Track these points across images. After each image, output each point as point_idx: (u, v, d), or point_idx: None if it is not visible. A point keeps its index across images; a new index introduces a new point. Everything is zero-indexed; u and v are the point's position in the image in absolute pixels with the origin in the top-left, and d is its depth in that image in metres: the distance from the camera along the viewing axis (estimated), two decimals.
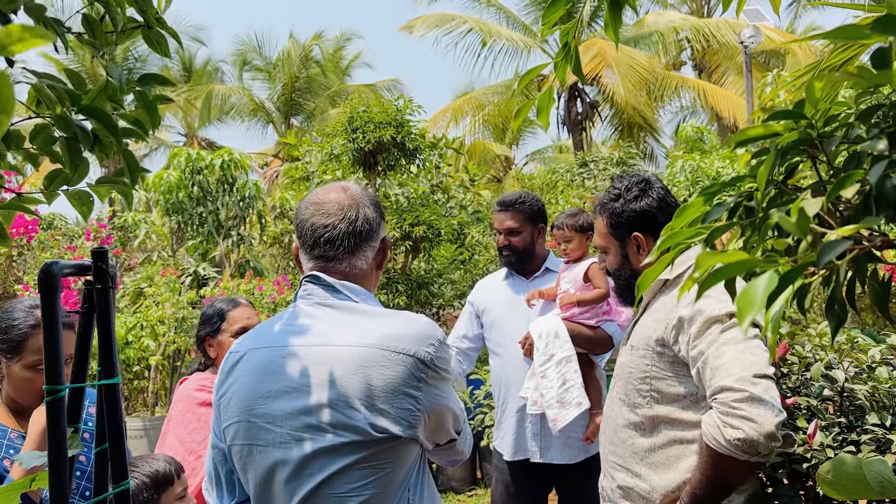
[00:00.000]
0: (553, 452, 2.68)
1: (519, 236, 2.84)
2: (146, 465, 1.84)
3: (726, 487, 1.54)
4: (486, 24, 17.33)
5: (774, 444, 1.42)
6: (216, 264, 10.25)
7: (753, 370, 1.47)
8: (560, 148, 23.18)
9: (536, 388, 2.57)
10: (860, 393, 1.74)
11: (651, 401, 1.78)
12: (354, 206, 1.47)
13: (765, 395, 1.44)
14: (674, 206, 1.91)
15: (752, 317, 0.51)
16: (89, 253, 1.21)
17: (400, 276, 7.21)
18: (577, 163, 11.15)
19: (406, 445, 1.32)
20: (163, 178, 9.94)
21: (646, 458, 1.78)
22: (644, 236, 1.91)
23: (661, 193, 1.92)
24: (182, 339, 6.65)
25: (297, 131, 21.84)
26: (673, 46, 16.90)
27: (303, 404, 1.30)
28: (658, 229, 1.84)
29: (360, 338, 1.33)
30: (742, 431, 1.42)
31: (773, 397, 1.44)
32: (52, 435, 1.12)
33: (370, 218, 1.48)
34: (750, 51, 10.11)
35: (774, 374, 1.77)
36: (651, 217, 1.89)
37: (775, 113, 0.69)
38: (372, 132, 6.77)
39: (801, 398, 1.73)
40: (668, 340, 1.72)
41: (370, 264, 1.48)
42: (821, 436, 1.64)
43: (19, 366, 1.76)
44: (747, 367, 1.48)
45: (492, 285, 3.04)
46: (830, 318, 0.78)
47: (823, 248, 0.56)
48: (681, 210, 0.78)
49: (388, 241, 1.54)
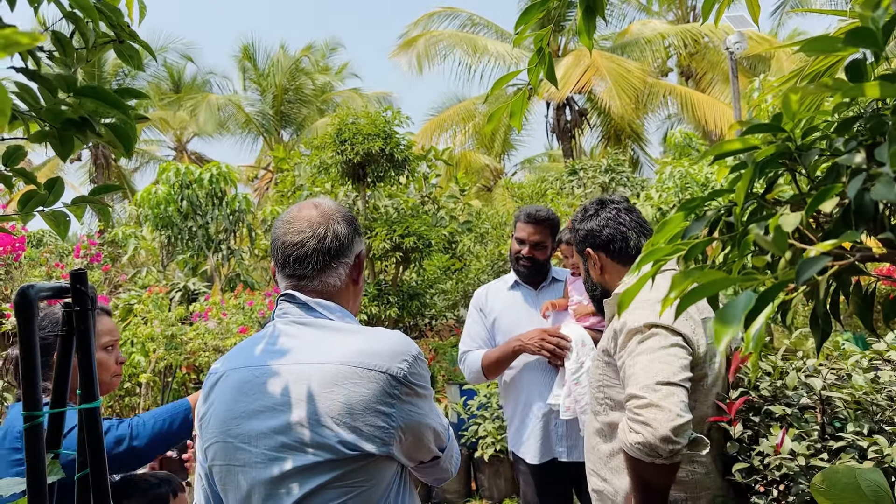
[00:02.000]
0: (580, 451, 2.74)
1: (544, 251, 2.93)
2: (144, 484, 1.83)
3: (650, 489, 1.59)
4: (473, 39, 17.45)
5: (672, 447, 1.48)
6: (207, 278, 10.20)
7: (657, 378, 1.55)
8: (551, 156, 23.27)
9: (570, 395, 2.63)
10: (838, 400, 1.73)
11: (607, 408, 1.86)
12: (324, 223, 1.46)
13: (663, 401, 1.50)
14: (629, 225, 1.98)
15: (729, 338, 0.51)
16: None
17: (391, 287, 7.19)
18: (567, 171, 11.18)
19: (382, 463, 1.30)
20: (151, 192, 9.90)
21: (608, 462, 1.86)
22: (596, 253, 2.00)
23: (613, 213, 1.99)
24: (172, 356, 6.59)
25: (286, 144, 21.84)
26: (660, 53, 17.01)
27: (277, 423, 1.29)
28: (609, 246, 1.96)
29: (331, 355, 1.32)
30: (641, 435, 1.50)
31: (671, 403, 1.50)
32: (30, 460, 1.10)
33: (341, 234, 1.46)
34: (736, 57, 10.18)
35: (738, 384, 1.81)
36: (597, 235, 1.98)
37: (752, 126, 0.68)
38: (360, 144, 6.77)
39: (777, 406, 1.72)
40: (611, 350, 1.80)
41: (344, 281, 1.47)
42: (796, 444, 1.64)
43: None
44: (652, 376, 1.55)
45: (498, 294, 3.05)
46: (815, 331, 0.77)
47: (803, 265, 0.55)
48: (661, 225, 0.77)
49: (364, 256, 1.52)
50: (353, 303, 1.51)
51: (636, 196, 9.53)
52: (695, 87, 17.98)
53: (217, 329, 6.75)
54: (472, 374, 2.96)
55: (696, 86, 18.02)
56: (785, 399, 1.77)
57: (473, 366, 2.93)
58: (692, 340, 1.68)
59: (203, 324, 6.83)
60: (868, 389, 1.76)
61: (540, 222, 2.91)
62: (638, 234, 1.96)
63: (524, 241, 2.93)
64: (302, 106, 23.79)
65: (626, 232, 1.96)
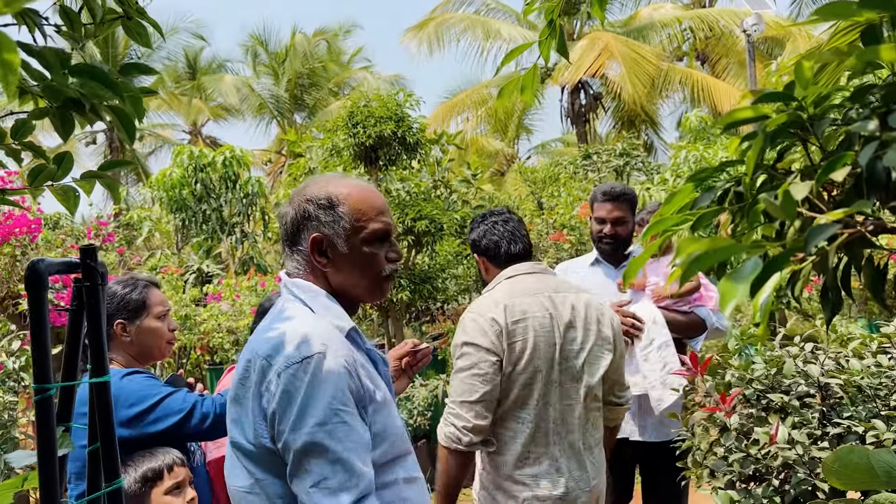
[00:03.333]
0: (650, 431, 2.78)
1: (625, 226, 2.95)
2: (140, 460, 1.86)
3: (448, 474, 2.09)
4: (487, 21, 17.30)
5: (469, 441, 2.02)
6: (220, 261, 10.26)
7: (460, 398, 2.04)
8: (565, 141, 23.11)
9: (639, 371, 2.69)
10: (836, 387, 1.71)
11: None
12: (287, 206, 1.47)
13: (449, 414, 2.07)
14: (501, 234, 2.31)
15: (734, 303, 0.50)
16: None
17: (403, 271, 7.20)
18: (581, 155, 11.10)
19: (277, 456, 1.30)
20: (166, 175, 9.95)
21: None
22: (479, 257, 2.35)
23: (489, 225, 2.33)
24: (186, 337, 6.65)
25: (299, 127, 21.83)
26: (675, 37, 16.79)
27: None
28: (487, 252, 2.31)
29: (254, 339, 1.38)
30: (450, 429, 2.05)
31: (456, 415, 2.04)
32: (41, 434, 1.11)
33: (288, 220, 1.45)
34: (753, 39, 10.03)
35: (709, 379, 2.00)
36: (478, 244, 2.32)
37: (764, 95, 0.67)
38: (373, 127, 6.74)
39: (776, 395, 1.71)
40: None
41: (304, 266, 1.43)
42: (795, 433, 1.62)
43: (148, 320, 2.14)
44: (457, 395, 2.06)
45: (578, 270, 3.07)
46: (825, 304, 0.76)
47: (811, 233, 0.54)
48: (670, 196, 0.75)
49: (326, 239, 1.42)
50: (333, 280, 1.44)
51: (651, 180, 9.45)
52: (710, 71, 17.73)
53: (230, 311, 6.80)
54: None
55: (711, 70, 17.77)
56: (782, 388, 1.75)
57: None
58: (497, 348, 2.05)
59: (216, 305, 6.89)
60: (866, 374, 1.74)
61: (617, 198, 2.93)
62: (509, 242, 2.28)
63: (604, 219, 2.94)
64: (316, 89, 23.75)
65: (498, 241, 2.28)
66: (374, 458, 1.31)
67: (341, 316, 1.41)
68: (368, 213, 1.44)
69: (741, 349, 2.09)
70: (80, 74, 0.85)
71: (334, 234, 1.42)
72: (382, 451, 1.34)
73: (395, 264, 1.48)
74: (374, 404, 1.35)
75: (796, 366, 1.78)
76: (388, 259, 1.46)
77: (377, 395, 1.36)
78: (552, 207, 8.34)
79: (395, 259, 1.47)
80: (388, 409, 1.39)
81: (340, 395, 1.26)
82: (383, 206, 1.47)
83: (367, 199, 1.45)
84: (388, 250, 1.46)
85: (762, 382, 1.77)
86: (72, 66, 0.84)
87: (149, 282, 2.21)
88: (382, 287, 1.47)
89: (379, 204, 1.47)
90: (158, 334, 2.18)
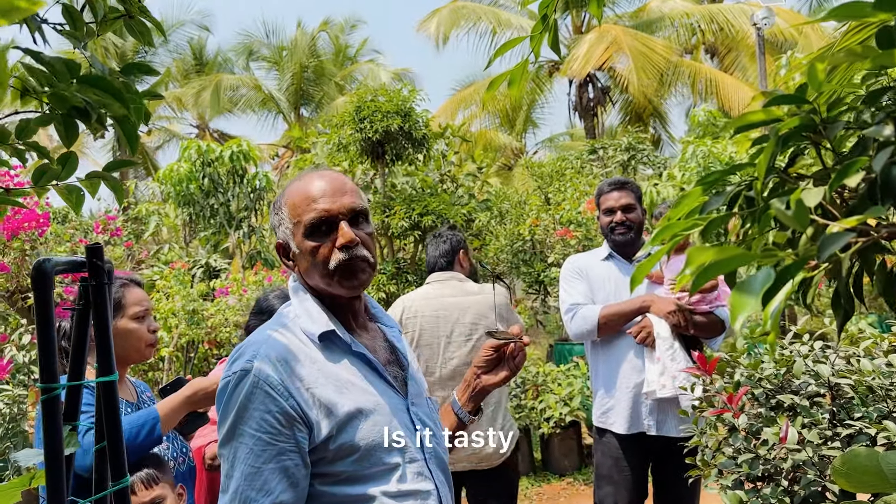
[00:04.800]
0: (668, 426, 2.79)
1: (634, 213, 2.98)
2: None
3: None
4: (496, 13, 17.22)
5: None
6: (228, 255, 10.29)
7: None
8: (573, 135, 23.02)
9: (664, 372, 2.71)
10: (847, 387, 1.69)
11: None
12: None
13: None
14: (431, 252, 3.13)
15: (745, 315, 0.49)
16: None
17: (409, 265, 7.20)
18: (586, 150, 11.05)
19: None
20: (173, 170, 9.97)
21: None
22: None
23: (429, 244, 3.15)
24: (194, 332, 6.68)
25: (305, 122, 21.82)
26: (684, 31, 16.65)
27: None
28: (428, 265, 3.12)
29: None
30: None
31: None
32: (48, 433, 1.11)
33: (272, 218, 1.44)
34: (763, 32, 9.94)
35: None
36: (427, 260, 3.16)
37: (776, 97, 0.65)
38: (379, 121, 6.74)
39: (786, 396, 1.69)
40: None
41: (290, 267, 1.43)
42: (805, 432, 1.60)
43: (123, 321, 2.02)
44: None
45: (592, 264, 3.06)
46: (837, 312, 0.75)
47: (825, 241, 0.53)
48: (679, 199, 0.74)
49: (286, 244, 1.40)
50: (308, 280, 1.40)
51: (658, 175, 9.40)
52: (719, 64, 17.60)
53: (237, 305, 6.82)
54: (583, 326, 2.90)
55: (720, 64, 17.63)
56: (792, 387, 1.73)
57: (589, 318, 2.88)
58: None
59: (224, 300, 6.91)
60: (877, 374, 1.72)
61: (622, 186, 3.00)
62: (435, 258, 3.06)
63: (613, 208, 2.98)
64: (321, 84, 23.72)
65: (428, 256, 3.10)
66: (345, 471, 1.26)
67: (317, 319, 1.34)
68: (301, 205, 1.35)
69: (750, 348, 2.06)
70: (88, 84, 0.85)
71: (286, 236, 1.39)
72: (356, 464, 1.26)
73: (350, 251, 1.33)
74: (335, 417, 1.26)
75: (806, 365, 1.76)
76: (338, 247, 1.33)
77: (345, 406, 1.27)
78: (559, 203, 8.32)
79: (346, 244, 1.32)
80: (370, 417, 1.29)
81: (253, 414, 1.23)
82: (321, 193, 1.35)
83: (302, 192, 1.36)
84: (336, 237, 1.33)
85: (771, 382, 1.76)
86: (80, 77, 0.83)
87: (128, 280, 2.08)
88: (341, 280, 1.33)
89: (314, 192, 1.35)
90: (136, 336, 2.04)
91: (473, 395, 1.55)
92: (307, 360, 1.30)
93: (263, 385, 1.23)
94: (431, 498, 1.32)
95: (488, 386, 1.54)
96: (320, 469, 1.27)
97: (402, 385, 1.42)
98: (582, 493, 5.00)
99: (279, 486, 1.21)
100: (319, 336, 1.33)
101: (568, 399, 5.33)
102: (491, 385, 1.53)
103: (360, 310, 1.45)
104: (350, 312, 1.42)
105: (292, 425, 1.23)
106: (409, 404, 1.39)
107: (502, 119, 19.36)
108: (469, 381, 1.56)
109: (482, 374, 1.53)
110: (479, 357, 1.54)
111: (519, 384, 5.50)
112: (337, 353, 1.35)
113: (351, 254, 1.33)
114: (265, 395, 1.23)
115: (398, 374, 1.43)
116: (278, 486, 1.21)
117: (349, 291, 1.36)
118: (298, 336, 1.34)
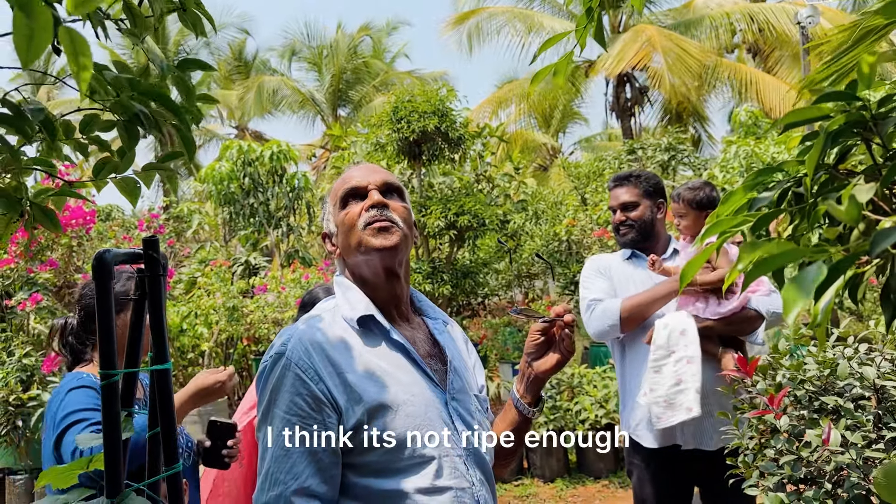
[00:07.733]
0: (706, 438, 2.43)
1: (636, 210, 2.69)
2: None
3: None
4: (528, 15, 17.17)
5: None
6: (267, 254, 10.47)
7: None
8: (610, 135, 22.81)
9: (683, 390, 2.34)
10: (892, 389, 1.65)
11: None
12: None
13: None
14: None
15: (798, 310, 0.49)
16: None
17: (444, 265, 7.23)
18: (625, 150, 10.95)
19: None
20: (215, 169, 10.18)
21: None
22: None
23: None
24: (233, 328, 6.81)
25: (343, 122, 22.05)
26: (725, 30, 16.36)
27: None
28: None
29: None
30: None
31: None
32: (106, 418, 1.16)
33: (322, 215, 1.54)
34: (807, 32, 9.73)
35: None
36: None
37: (825, 94, 0.66)
38: (416, 122, 6.79)
39: (829, 398, 1.66)
40: None
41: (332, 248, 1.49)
42: (849, 434, 1.57)
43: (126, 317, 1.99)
44: None
45: (613, 264, 2.76)
46: (885, 308, 0.74)
47: (877, 237, 0.53)
48: (726, 196, 0.75)
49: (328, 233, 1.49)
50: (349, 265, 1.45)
51: (699, 176, 9.27)
52: (762, 64, 17.25)
53: (276, 302, 6.93)
54: (604, 321, 2.57)
55: (763, 63, 17.28)
56: (835, 390, 1.70)
57: (610, 311, 2.55)
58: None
59: (263, 297, 7.03)
60: None
61: (622, 181, 2.75)
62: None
63: (613, 207, 2.76)
64: (360, 85, 23.96)
65: None
66: (377, 462, 1.26)
67: (356, 305, 1.37)
68: (339, 188, 1.46)
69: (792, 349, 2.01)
70: (147, 96, 0.89)
71: (328, 222, 1.49)
72: (388, 455, 1.26)
73: (379, 210, 1.37)
74: (365, 404, 1.26)
75: (850, 367, 1.73)
76: (367, 208, 1.38)
77: (377, 394, 1.27)
78: (596, 203, 8.26)
79: (374, 204, 1.37)
80: (402, 408, 1.28)
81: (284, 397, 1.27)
82: (356, 172, 1.45)
83: (341, 178, 1.48)
84: (366, 202, 1.39)
85: (814, 384, 1.73)
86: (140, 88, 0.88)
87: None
88: (371, 235, 1.36)
89: (351, 174, 1.46)
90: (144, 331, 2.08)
91: (529, 384, 1.47)
92: (342, 346, 1.32)
93: (294, 368, 1.26)
94: (466, 496, 1.30)
95: (541, 373, 1.46)
96: (352, 459, 1.27)
97: (442, 379, 1.39)
98: (618, 496, 4.96)
99: (307, 471, 1.23)
100: (359, 321, 1.35)
101: (604, 401, 5.30)
102: (543, 372, 1.46)
103: (403, 299, 1.45)
104: (392, 302, 1.42)
105: (321, 409, 1.25)
106: (449, 398, 1.37)
107: (538, 120, 19.29)
108: (523, 371, 1.49)
109: (533, 361, 1.46)
110: (527, 343, 1.49)
111: (554, 385, 5.48)
112: (375, 340, 1.35)
113: (380, 213, 1.37)
114: (295, 377, 1.26)
115: (438, 368, 1.41)
116: (306, 471, 1.23)
117: (381, 248, 1.35)
118: (338, 322, 1.36)
